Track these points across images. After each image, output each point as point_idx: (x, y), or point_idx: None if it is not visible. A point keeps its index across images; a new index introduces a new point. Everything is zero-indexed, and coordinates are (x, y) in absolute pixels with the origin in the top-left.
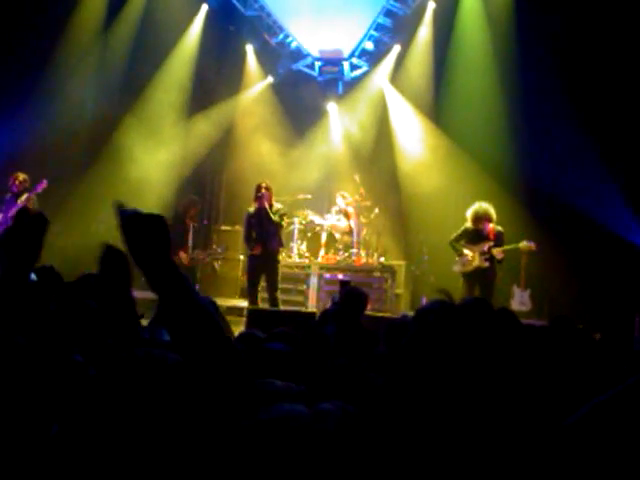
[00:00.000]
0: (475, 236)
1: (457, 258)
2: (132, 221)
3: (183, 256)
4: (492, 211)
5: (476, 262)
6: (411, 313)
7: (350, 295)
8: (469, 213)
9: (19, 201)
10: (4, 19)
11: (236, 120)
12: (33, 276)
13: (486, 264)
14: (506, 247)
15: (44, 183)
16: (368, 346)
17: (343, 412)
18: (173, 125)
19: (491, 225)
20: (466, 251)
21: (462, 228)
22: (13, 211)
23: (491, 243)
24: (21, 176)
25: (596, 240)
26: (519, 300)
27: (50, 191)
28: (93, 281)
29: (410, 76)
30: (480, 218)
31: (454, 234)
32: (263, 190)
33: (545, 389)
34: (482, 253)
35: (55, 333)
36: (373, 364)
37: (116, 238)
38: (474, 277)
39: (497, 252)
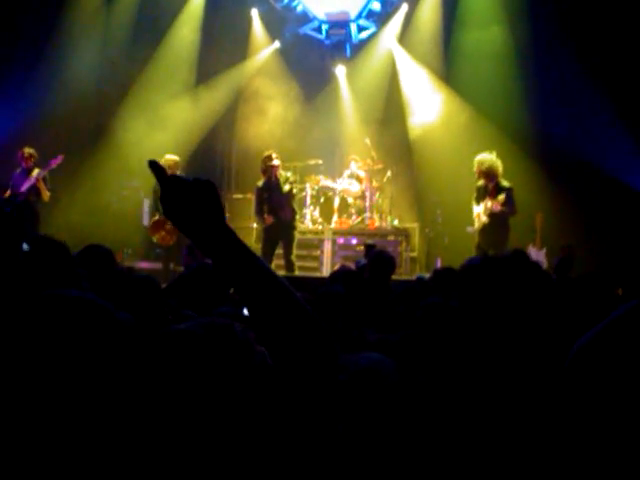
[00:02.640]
0: (482, 193)
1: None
2: (177, 186)
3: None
4: (490, 164)
5: (481, 219)
6: (427, 275)
7: (378, 258)
8: (474, 164)
9: (32, 176)
10: None
11: (244, 86)
12: (25, 246)
13: (486, 220)
14: (498, 198)
15: (59, 158)
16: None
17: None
18: (181, 93)
19: (497, 180)
20: (475, 209)
21: (476, 186)
22: (25, 186)
23: (492, 198)
24: (27, 151)
25: (613, 196)
26: (535, 259)
27: (61, 162)
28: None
29: (419, 35)
30: (483, 172)
31: (474, 194)
32: (271, 161)
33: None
34: (485, 210)
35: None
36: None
37: (126, 210)
38: (483, 235)
39: (491, 205)
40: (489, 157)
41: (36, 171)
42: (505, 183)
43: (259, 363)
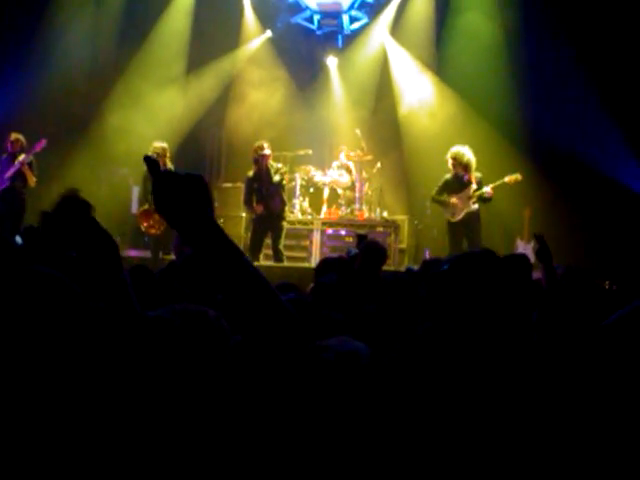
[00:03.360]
0: (457, 184)
1: (444, 209)
2: (169, 181)
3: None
4: (472, 159)
5: (465, 208)
6: (416, 266)
7: (370, 248)
8: (450, 156)
9: (16, 161)
10: None
11: (235, 75)
12: (18, 239)
13: (475, 207)
14: (493, 184)
15: (43, 142)
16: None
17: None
18: (171, 80)
19: (471, 173)
20: (453, 199)
21: (442, 180)
22: (10, 172)
23: (474, 187)
24: (13, 135)
25: (601, 190)
26: (522, 252)
27: (49, 149)
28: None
29: (411, 27)
30: (462, 165)
31: (434, 189)
32: (262, 151)
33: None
34: (469, 197)
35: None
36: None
37: (115, 198)
38: (461, 225)
39: (487, 190)
40: (466, 150)
41: (22, 156)
42: (478, 174)
43: (232, 347)
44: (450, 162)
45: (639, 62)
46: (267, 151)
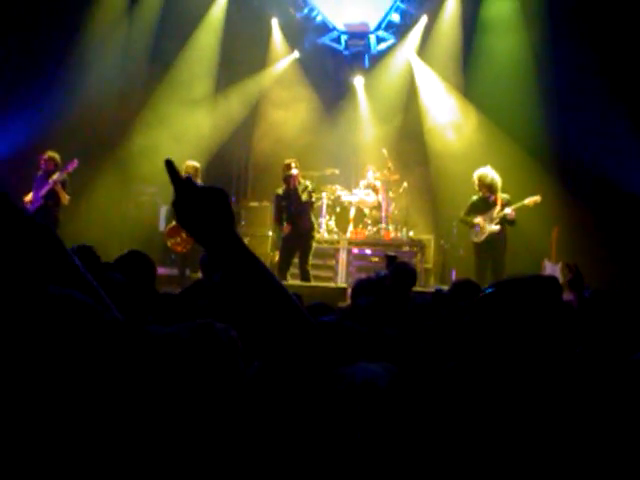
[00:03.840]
0: (483, 205)
1: (469, 230)
2: (189, 190)
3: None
4: (497, 179)
5: (488, 229)
6: (443, 287)
7: (400, 270)
8: (475, 177)
9: (50, 180)
10: None
11: (263, 95)
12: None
13: (497, 228)
14: (514, 206)
15: (75, 162)
16: (417, 319)
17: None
18: (200, 101)
19: (497, 194)
20: (477, 219)
21: (469, 202)
22: (44, 190)
23: (499, 208)
24: (48, 154)
25: (630, 212)
26: (550, 274)
27: (80, 168)
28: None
29: (438, 48)
30: (486, 185)
31: (463, 210)
32: (292, 170)
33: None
34: (492, 219)
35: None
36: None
37: (143, 216)
38: (486, 247)
39: (510, 211)
40: (490, 171)
41: (56, 175)
42: (505, 195)
43: (242, 363)
44: (476, 183)
45: None
46: (294, 171)
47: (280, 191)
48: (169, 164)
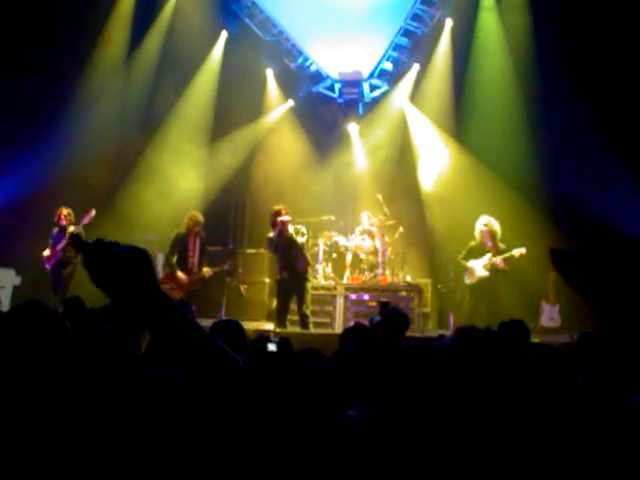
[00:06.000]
0: (479, 251)
1: (465, 272)
2: (99, 254)
3: (181, 277)
4: (496, 228)
5: (477, 275)
6: (445, 332)
7: (392, 316)
8: (481, 224)
9: (67, 234)
10: (30, 47)
11: (258, 143)
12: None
13: (486, 273)
14: (502, 256)
15: (92, 213)
16: (409, 366)
17: (367, 418)
18: (196, 150)
19: (496, 242)
20: (469, 264)
21: (467, 247)
22: (62, 244)
23: (490, 256)
24: (65, 210)
25: (624, 249)
26: (548, 316)
27: (92, 218)
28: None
29: (430, 94)
30: (488, 232)
31: (462, 252)
32: (283, 217)
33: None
34: (484, 265)
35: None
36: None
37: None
38: (479, 289)
39: (498, 261)
40: (493, 220)
41: (71, 228)
42: (503, 245)
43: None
44: (482, 230)
45: None
46: (286, 217)
47: (270, 235)
48: (74, 237)
